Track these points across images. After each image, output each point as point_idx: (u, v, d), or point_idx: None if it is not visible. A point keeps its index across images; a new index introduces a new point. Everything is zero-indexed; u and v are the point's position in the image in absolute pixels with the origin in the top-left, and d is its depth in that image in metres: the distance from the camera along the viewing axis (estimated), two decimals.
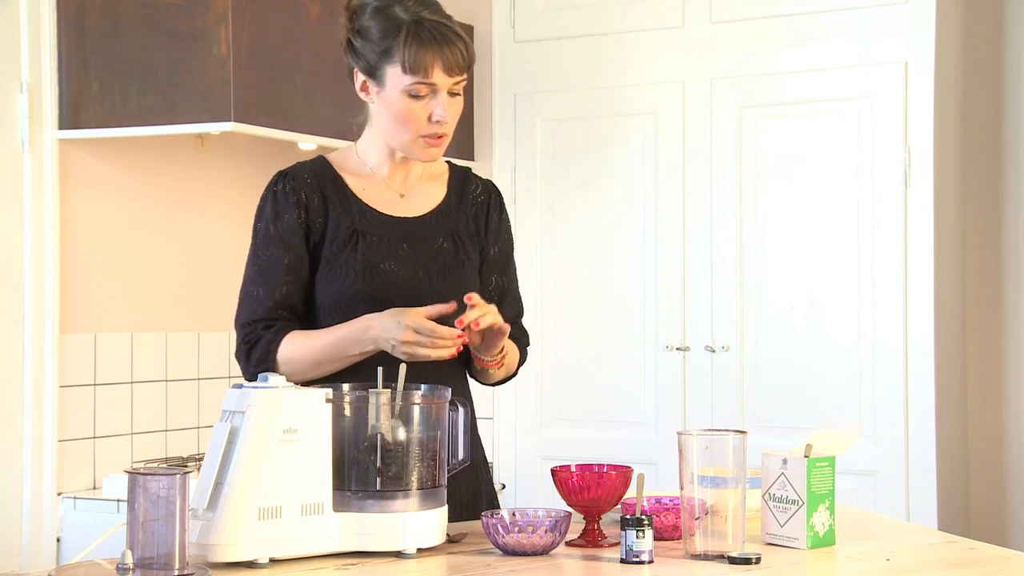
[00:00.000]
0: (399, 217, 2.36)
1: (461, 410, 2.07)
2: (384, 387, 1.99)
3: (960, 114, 4.21)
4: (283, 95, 3.67)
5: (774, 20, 4.06)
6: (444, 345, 2.18)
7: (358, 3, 2.31)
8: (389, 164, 2.38)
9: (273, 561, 1.89)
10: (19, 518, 3.51)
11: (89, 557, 1.99)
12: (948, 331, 4.01)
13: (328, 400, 1.94)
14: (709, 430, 2.02)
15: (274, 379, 1.94)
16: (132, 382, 3.81)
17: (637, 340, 4.22)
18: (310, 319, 2.34)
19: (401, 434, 1.97)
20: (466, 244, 2.40)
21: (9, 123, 3.49)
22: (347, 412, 1.97)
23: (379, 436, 1.96)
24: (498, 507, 2.48)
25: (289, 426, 1.90)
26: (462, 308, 2.21)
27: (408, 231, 2.35)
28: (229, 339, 4.14)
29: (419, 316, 2.17)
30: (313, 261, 2.32)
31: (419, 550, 1.95)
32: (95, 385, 3.70)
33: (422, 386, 2.02)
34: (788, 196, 4.05)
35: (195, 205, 4.05)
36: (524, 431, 4.33)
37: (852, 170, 3.96)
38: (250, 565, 1.87)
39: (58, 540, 3.54)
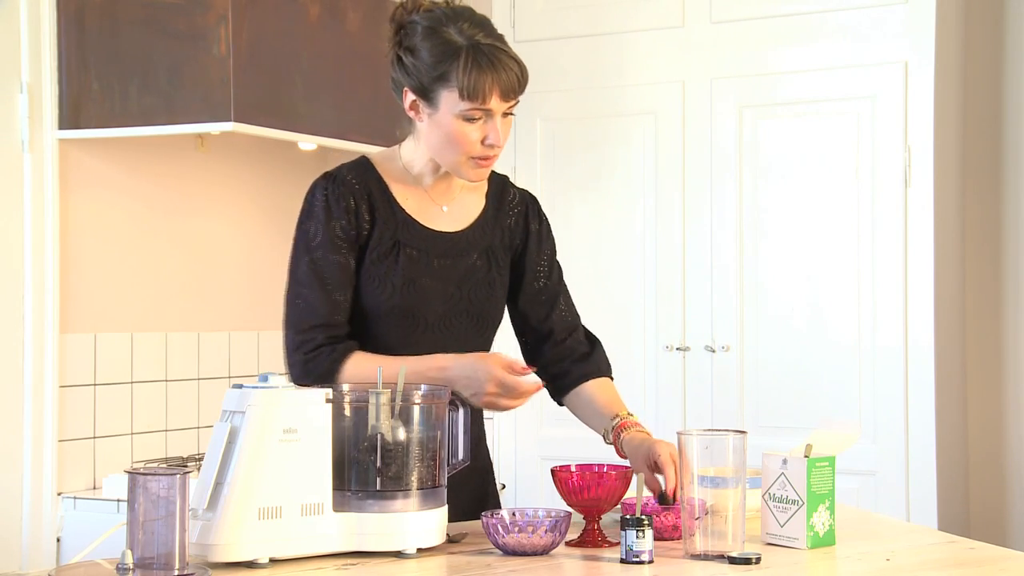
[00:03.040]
0: (439, 232, 2.33)
1: (461, 410, 2.07)
2: (384, 387, 1.99)
3: (960, 114, 4.21)
4: (283, 95, 3.67)
5: (774, 20, 4.06)
6: (524, 397, 2.19)
7: (407, 19, 2.26)
8: (434, 176, 2.34)
9: (273, 561, 1.89)
10: (19, 518, 3.51)
11: (89, 557, 1.99)
12: (948, 331, 4.01)
13: (328, 400, 1.94)
14: (709, 430, 2.02)
15: (274, 379, 1.94)
16: (132, 382, 3.81)
17: (637, 340, 4.22)
18: None
19: (401, 434, 1.97)
20: (499, 260, 2.39)
21: (9, 123, 3.49)
22: (347, 412, 1.97)
23: (379, 436, 1.96)
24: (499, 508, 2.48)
25: (289, 426, 1.90)
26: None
27: (446, 246, 2.33)
28: (229, 339, 4.14)
29: (500, 369, 2.16)
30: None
31: (419, 550, 1.96)
32: (95, 385, 3.70)
33: (422, 386, 2.02)
34: (788, 196, 4.05)
35: (195, 205, 4.05)
36: (524, 431, 4.33)
37: (852, 170, 3.96)
38: (250, 565, 1.87)
39: (58, 540, 3.54)
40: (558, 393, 2.46)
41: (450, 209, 2.36)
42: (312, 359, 2.22)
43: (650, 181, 4.23)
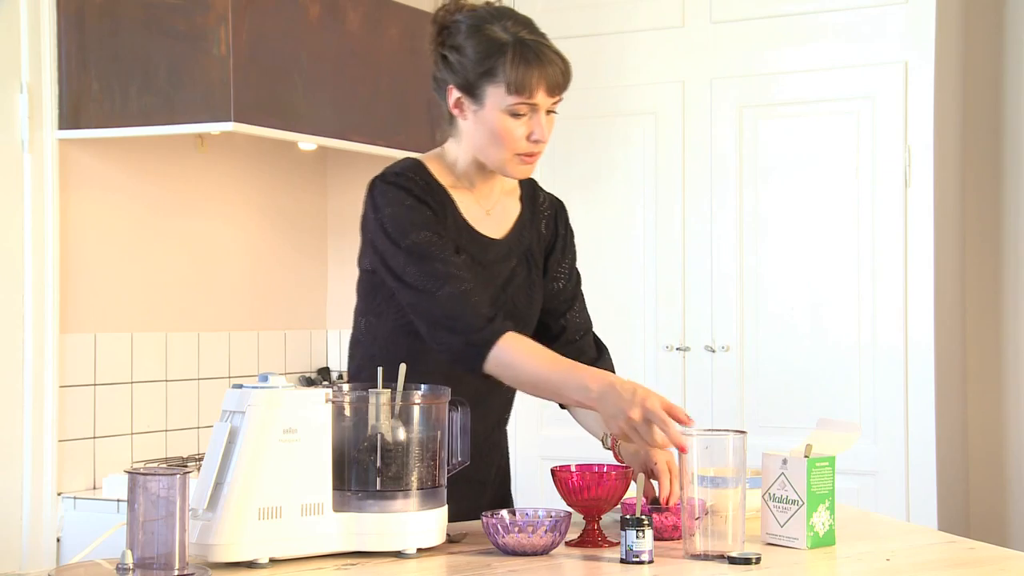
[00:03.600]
0: (488, 237, 2.33)
1: (461, 410, 2.06)
2: (384, 387, 1.99)
3: (960, 114, 4.21)
4: (283, 95, 3.66)
5: (774, 20, 4.06)
6: (660, 445, 2.07)
7: (450, 19, 2.26)
8: (478, 178, 2.33)
9: (273, 561, 1.89)
10: (19, 518, 3.50)
11: (89, 557, 1.99)
12: (948, 331, 4.01)
13: (328, 400, 1.94)
14: (709, 430, 2.02)
15: (274, 379, 1.94)
16: (132, 382, 3.81)
17: (637, 340, 4.22)
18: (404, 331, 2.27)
19: (401, 434, 1.97)
20: (536, 263, 2.40)
21: (9, 123, 3.49)
22: (347, 412, 1.97)
23: (379, 436, 1.96)
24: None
25: (289, 426, 1.90)
26: None
27: (494, 252, 2.33)
28: (229, 339, 4.14)
29: (657, 400, 2.05)
30: None
31: (419, 550, 1.96)
32: (95, 385, 3.69)
33: (422, 386, 2.01)
34: (788, 196, 4.05)
35: (195, 205, 4.05)
36: (524, 431, 4.33)
37: (852, 170, 3.96)
38: (250, 565, 1.87)
39: (58, 540, 3.54)
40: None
41: (492, 213, 2.36)
42: (464, 318, 2.15)
43: (650, 181, 4.23)
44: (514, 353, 2.15)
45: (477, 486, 2.32)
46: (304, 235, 4.53)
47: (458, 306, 2.16)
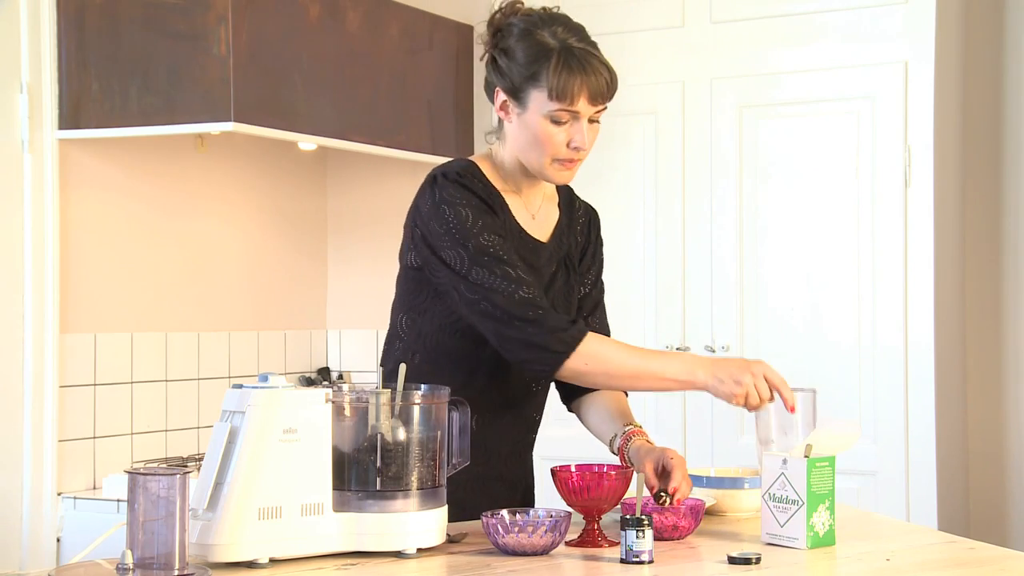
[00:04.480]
0: (537, 240, 2.35)
1: (460, 409, 2.06)
2: (384, 387, 1.99)
3: (960, 114, 4.21)
4: (283, 95, 3.67)
5: (774, 20, 4.06)
6: (764, 401, 2.16)
7: (505, 22, 2.28)
8: (524, 182, 2.35)
9: (273, 561, 1.89)
10: (19, 518, 3.51)
11: (89, 557, 1.99)
12: (948, 331, 4.01)
13: (328, 400, 1.94)
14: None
15: (274, 379, 1.94)
16: (132, 382, 3.81)
17: (637, 340, 4.21)
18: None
19: (401, 434, 1.97)
20: (574, 267, 2.43)
21: (9, 123, 3.49)
22: (347, 412, 1.97)
23: (379, 436, 1.96)
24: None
25: (289, 426, 1.90)
26: None
27: (541, 255, 2.35)
28: (229, 339, 4.14)
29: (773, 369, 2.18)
30: None
31: (419, 550, 1.96)
32: (95, 385, 3.70)
33: (422, 386, 2.01)
34: (788, 196, 4.05)
35: (195, 205, 4.05)
36: None
37: (852, 170, 3.96)
38: (250, 565, 1.87)
39: (58, 540, 3.54)
40: (572, 395, 2.47)
41: (537, 217, 2.38)
42: (545, 317, 2.17)
43: (650, 181, 4.22)
44: (603, 346, 2.20)
45: (511, 486, 2.39)
46: (304, 235, 4.53)
47: (537, 307, 2.17)
